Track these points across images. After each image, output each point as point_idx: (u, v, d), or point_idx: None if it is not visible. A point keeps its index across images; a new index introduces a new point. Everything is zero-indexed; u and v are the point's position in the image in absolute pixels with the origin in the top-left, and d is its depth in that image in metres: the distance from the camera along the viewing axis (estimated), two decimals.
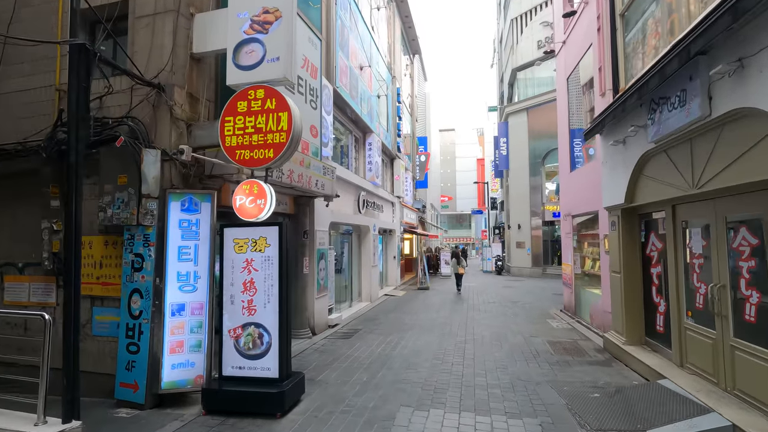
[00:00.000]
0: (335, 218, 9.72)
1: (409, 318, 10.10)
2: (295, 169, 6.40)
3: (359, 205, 11.68)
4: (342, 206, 10.46)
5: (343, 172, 10.45)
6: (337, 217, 9.91)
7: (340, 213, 10.24)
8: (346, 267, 12.07)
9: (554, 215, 20.96)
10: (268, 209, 4.58)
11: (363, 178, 12.60)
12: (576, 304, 9.87)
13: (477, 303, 12.54)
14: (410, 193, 21.02)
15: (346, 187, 10.81)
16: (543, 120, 21.67)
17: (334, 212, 9.62)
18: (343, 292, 11.77)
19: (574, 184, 9.81)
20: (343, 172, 10.45)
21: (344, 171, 10.56)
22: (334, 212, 9.54)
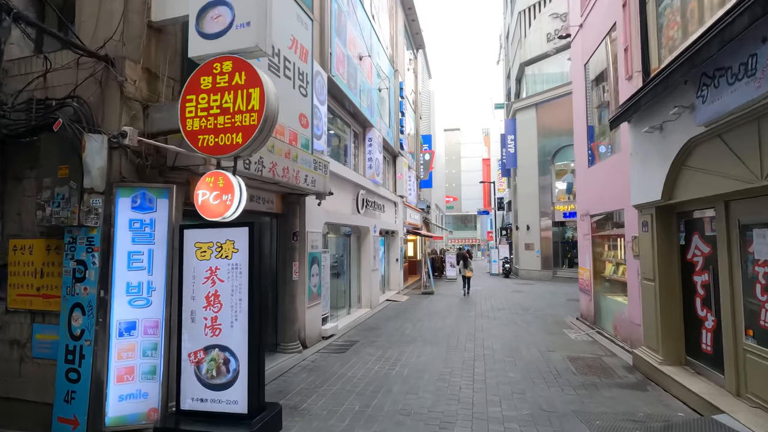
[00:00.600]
0: (331, 218, 8.89)
1: (411, 327, 9.23)
2: (279, 161, 5.57)
3: (358, 204, 10.84)
4: (338, 205, 9.63)
5: (340, 168, 9.62)
6: (333, 218, 9.08)
7: (337, 213, 9.40)
8: (344, 271, 11.24)
9: (565, 215, 20.03)
10: (236, 207, 3.75)
11: (362, 176, 11.76)
12: (596, 312, 8.96)
13: (485, 309, 11.65)
14: (414, 192, 20.16)
15: (342, 185, 9.98)
16: (553, 116, 20.75)
17: (330, 212, 8.78)
18: (341, 299, 10.93)
19: (594, 181, 8.91)
20: (340, 169, 9.62)
21: (341, 167, 9.73)
22: (329, 212, 8.70)
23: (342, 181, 9.90)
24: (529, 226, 21.65)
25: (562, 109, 20.10)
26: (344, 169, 10.00)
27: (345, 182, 10.15)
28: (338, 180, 9.64)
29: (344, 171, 9.93)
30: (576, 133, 10.20)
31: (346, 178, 10.03)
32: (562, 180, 21.01)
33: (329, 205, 8.83)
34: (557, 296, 14.32)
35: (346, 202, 10.35)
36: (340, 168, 9.69)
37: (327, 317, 8.74)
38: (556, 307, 11.90)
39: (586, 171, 9.39)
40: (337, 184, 9.54)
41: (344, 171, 9.93)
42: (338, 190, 9.72)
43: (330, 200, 8.94)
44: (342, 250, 11.28)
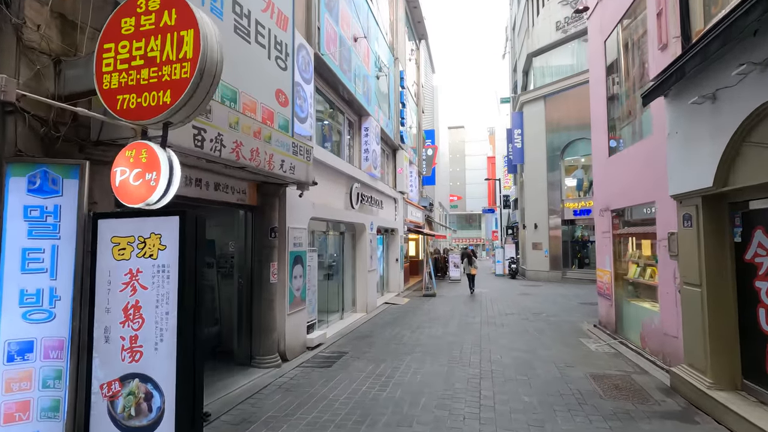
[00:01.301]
0: (319, 213, 7.92)
1: (409, 335, 8.25)
2: (246, 141, 4.61)
3: (352, 199, 9.86)
4: (329, 199, 8.66)
5: (331, 158, 8.66)
6: (322, 213, 8.11)
7: (326, 207, 8.43)
8: (337, 272, 10.27)
9: (575, 213, 18.97)
10: (165, 190, 2.80)
11: (358, 168, 10.79)
12: (618, 320, 7.94)
13: (492, 314, 10.63)
14: (416, 189, 19.17)
15: (334, 177, 9.02)
16: (562, 108, 19.68)
17: (318, 206, 7.82)
18: (334, 302, 9.97)
19: (616, 172, 7.88)
20: (331, 159, 8.65)
21: (332, 157, 8.76)
22: (316, 206, 7.74)
23: (333, 172, 8.94)
24: (537, 225, 20.59)
25: (572, 102, 19.06)
26: (336, 159, 9.03)
27: (337, 174, 9.19)
28: (329, 171, 8.68)
29: (336, 161, 8.97)
30: (594, 119, 9.16)
31: (338, 169, 9.07)
32: (572, 176, 19.93)
33: (317, 198, 7.87)
34: (569, 299, 13.27)
35: (338, 195, 9.38)
36: (331, 158, 8.72)
37: (314, 324, 7.78)
38: (569, 312, 10.87)
39: (606, 161, 8.36)
40: (327, 175, 8.59)
41: (336, 161, 8.97)
42: (329, 182, 8.76)
43: (318, 193, 8.00)
44: (334, 249, 10.32)
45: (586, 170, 19.50)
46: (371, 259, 11.34)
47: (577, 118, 18.94)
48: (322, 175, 8.37)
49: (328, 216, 8.55)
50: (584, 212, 18.67)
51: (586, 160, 19.66)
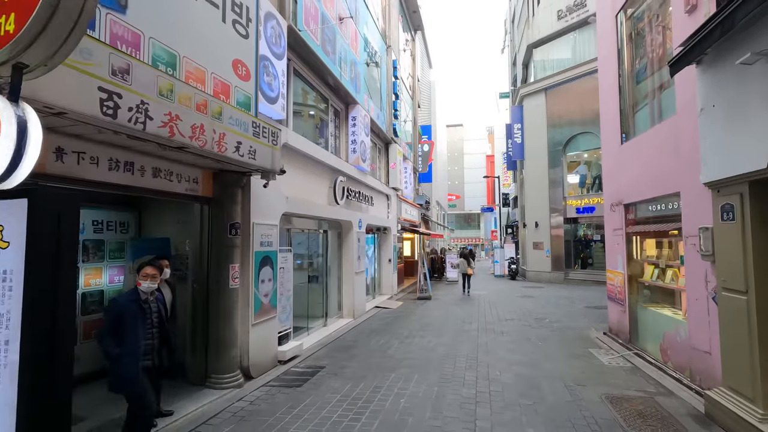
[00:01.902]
0: (294, 208, 7.01)
1: (397, 346, 7.34)
2: (185, 114, 3.70)
3: (336, 193, 8.95)
4: (308, 193, 7.76)
5: (310, 147, 7.74)
6: (298, 207, 7.20)
7: (305, 202, 7.53)
8: (320, 275, 9.37)
9: (578, 211, 18.09)
10: (11, 163, 1.92)
11: (344, 161, 9.88)
12: (632, 328, 7.04)
13: (491, 320, 9.73)
14: (411, 186, 18.28)
15: (315, 169, 8.11)
16: (564, 101, 18.79)
17: (293, 200, 6.91)
18: (317, 308, 9.07)
19: (630, 161, 6.99)
20: (310, 148, 7.74)
21: (311, 146, 7.84)
22: (292, 200, 6.83)
23: (313, 163, 8.03)
24: (538, 223, 19.70)
25: (575, 94, 18.18)
26: (317, 149, 8.12)
27: (318, 165, 8.29)
28: (308, 162, 7.78)
29: (317, 151, 8.06)
30: (603, 104, 8.26)
31: (319, 160, 8.16)
32: (575, 172, 19.05)
33: (292, 191, 6.97)
34: (573, 303, 12.37)
35: (320, 189, 8.48)
36: (312, 147, 7.81)
37: (288, 334, 6.86)
38: (574, 318, 9.97)
39: (618, 150, 7.46)
40: (306, 166, 7.69)
41: (317, 151, 8.06)
42: (308, 174, 7.86)
43: (295, 186, 7.10)
44: (317, 249, 9.42)
45: (589, 166, 18.62)
46: (359, 260, 10.44)
47: (580, 112, 18.07)
48: (300, 165, 7.47)
49: (307, 212, 7.64)
50: (588, 210, 17.79)
51: (589, 156, 18.79)
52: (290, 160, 7.04)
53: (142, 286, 3.67)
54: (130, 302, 3.62)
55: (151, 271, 3.71)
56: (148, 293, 3.74)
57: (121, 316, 3.52)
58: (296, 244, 8.73)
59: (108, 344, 3.43)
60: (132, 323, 3.52)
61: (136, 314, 3.59)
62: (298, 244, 8.78)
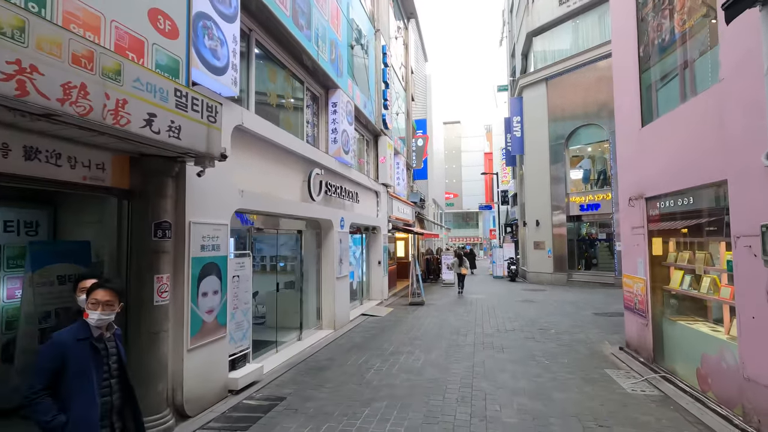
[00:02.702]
0: (252, 204, 5.86)
1: (379, 366, 6.20)
2: (49, 66, 2.55)
3: (311, 188, 7.80)
4: (273, 186, 6.61)
5: (276, 133, 6.60)
6: (258, 203, 6.04)
7: (268, 197, 6.38)
8: (295, 281, 8.23)
9: (582, 208, 16.99)
10: None
11: (323, 152, 8.74)
12: (656, 344, 5.92)
13: (489, 331, 8.60)
14: (404, 182, 17.15)
15: (282, 158, 6.97)
16: (566, 92, 17.68)
17: (250, 195, 5.76)
18: (291, 318, 7.95)
19: (654, 145, 5.86)
20: (277, 134, 6.59)
21: (278, 132, 6.69)
22: (248, 194, 5.68)
23: (281, 152, 6.89)
24: (539, 222, 18.58)
25: (577, 84, 17.09)
26: (285, 136, 6.97)
27: (287, 155, 7.15)
28: (273, 151, 6.65)
29: (285, 139, 6.91)
30: (618, 76, 7.11)
31: (288, 149, 7.02)
32: (578, 167, 17.94)
33: (250, 183, 5.84)
34: (580, 308, 11.25)
35: (291, 183, 7.34)
36: (278, 134, 6.67)
37: (246, 355, 5.72)
38: (584, 327, 8.84)
39: (639, 133, 6.33)
40: (271, 155, 6.55)
41: (285, 139, 6.91)
42: (274, 165, 6.73)
43: (253, 177, 5.98)
44: (292, 252, 8.29)
45: (593, 160, 17.52)
46: (341, 264, 9.30)
47: (584, 102, 16.97)
48: (262, 154, 6.34)
49: (272, 209, 6.48)
50: (592, 207, 16.69)
51: (593, 149, 17.69)
52: (248, 146, 5.91)
53: (91, 318, 2.45)
54: (77, 342, 2.41)
55: (103, 297, 2.48)
56: (103, 328, 2.53)
57: (65, 363, 2.34)
58: (266, 246, 7.61)
59: (44, 410, 2.25)
60: (81, 374, 2.37)
61: (87, 360, 2.41)
62: (270, 247, 7.66)
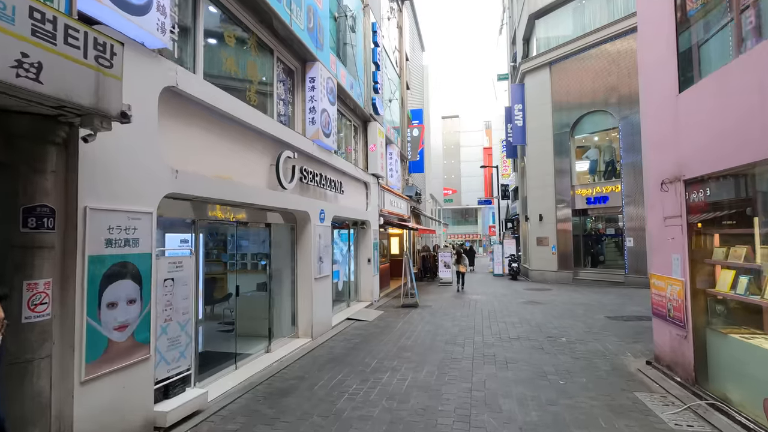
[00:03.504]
0: (191, 188, 4.66)
1: (356, 388, 5.05)
2: None
3: (280, 173, 6.61)
4: (226, 168, 5.43)
5: (229, 103, 5.40)
6: (201, 187, 4.84)
7: (219, 182, 5.19)
8: (265, 282, 7.08)
9: (589, 201, 15.84)
10: None
11: (298, 134, 7.55)
12: (699, 361, 4.76)
13: (490, 340, 7.45)
14: (398, 174, 15.97)
15: (239, 136, 5.78)
16: (571, 77, 16.49)
17: (190, 176, 4.58)
18: (259, 326, 6.81)
19: (697, 113, 4.68)
20: (229, 103, 5.40)
21: (233, 103, 5.49)
22: (186, 175, 4.50)
23: (238, 128, 5.71)
24: (542, 216, 17.42)
25: (583, 68, 15.91)
26: (245, 108, 5.77)
27: (248, 133, 5.97)
28: (228, 125, 5.47)
29: (245, 112, 5.72)
30: (646, 42, 5.93)
31: (249, 124, 5.83)
32: (585, 157, 16.78)
33: (192, 163, 4.67)
34: (592, 311, 10.10)
35: (253, 167, 6.15)
36: (233, 104, 5.47)
37: (186, 378, 4.55)
38: (599, 334, 7.69)
39: (675, 101, 5.14)
40: (222, 130, 5.37)
41: (245, 112, 5.72)
42: (231, 144, 5.55)
43: (197, 155, 4.82)
44: (259, 249, 7.12)
45: (600, 150, 16.34)
46: (321, 263, 8.13)
47: (590, 88, 15.78)
48: (213, 129, 5.16)
49: (225, 195, 5.29)
50: (600, 200, 15.53)
51: (600, 138, 16.51)
52: (189, 117, 4.72)
53: None
54: None
55: None
56: None
57: None
58: (226, 241, 6.45)
59: None
60: None
61: None
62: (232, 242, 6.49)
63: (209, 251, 6.23)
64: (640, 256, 14.20)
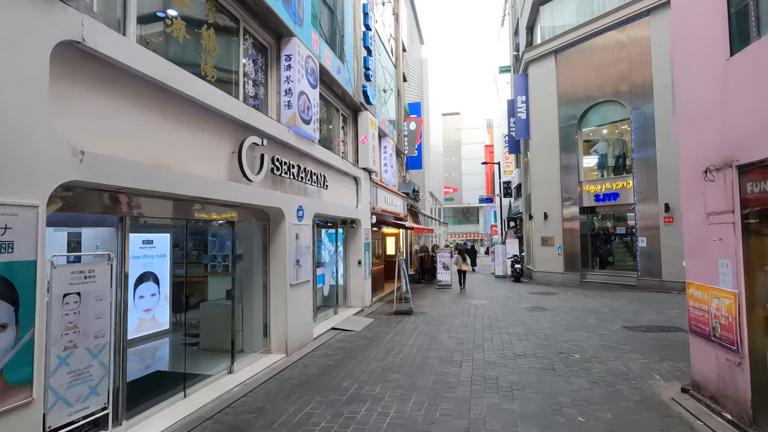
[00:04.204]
0: (109, 175, 3.63)
1: (323, 428, 4.04)
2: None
3: (243, 163, 5.59)
4: (164, 154, 4.40)
5: (172, 73, 4.38)
6: (125, 175, 3.80)
7: (150, 170, 4.17)
8: (232, 289, 6.09)
9: (597, 198, 14.81)
10: None
11: (272, 119, 6.53)
12: (758, 395, 3.73)
13: (492, 357, 6.43)
14: (392, 170, 14.95)
15: (193, 117, 4.76)
16: (579, 66, 15.44)
17: (102, 160, 3.57)
18: (219, 342, 5.82)
19: (759, 81, 3.65)
20: (173, 75, 4.38)
21: (177, 73, 4.47)
22: (98, 159, 3.49)
23: (188, 106, 4.69)
24: (547, 215, 16.39)
25: (592, 56, 14.89)
26: (194, 82, 4.75)
27: (203, 114, 4.96)
28: (175, 102, 4.45)
29: (197, 88, 4.70)
30: (681, 3, 4.89)
31: (203, 103, 4.83)
32: (593, 151, 15.73)
33: (108, 142, 3.67)
34: (605, 319, 9.07)
35: (208, 153, 5.14)
36: (179, 76, 4.45)
37: (100, 421, 3.54)
38: (618, 350, 6.66)
39: (724, 66, 4.11)
40: (167, 107, 4.34)
41: (197, 88, 4.70)
42: (175, 124, 4.53)
43: (118, 132, 3.82)
44: (222, 251, 6.13)
45: (610, 144, 15.28)
46: (299, 267, 7.12)
47: (599, 77, 14.74)
48: (147, 104, 4.14)
49: (159, 186, 4.24)
50: (609, 197, 14.49)
51: (609, 131, 15.45)
52: (106, 83, 3.70)
53: None
54: None
55: None
56: None
57: None
58: (181, 242, 5.48)
59: None
60: None
61: None
62: (183, 240, 5.51)
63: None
64: (653, 257, 13.16)
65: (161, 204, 4.66)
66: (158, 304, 6.88)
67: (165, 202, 4.70)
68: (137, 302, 6.30)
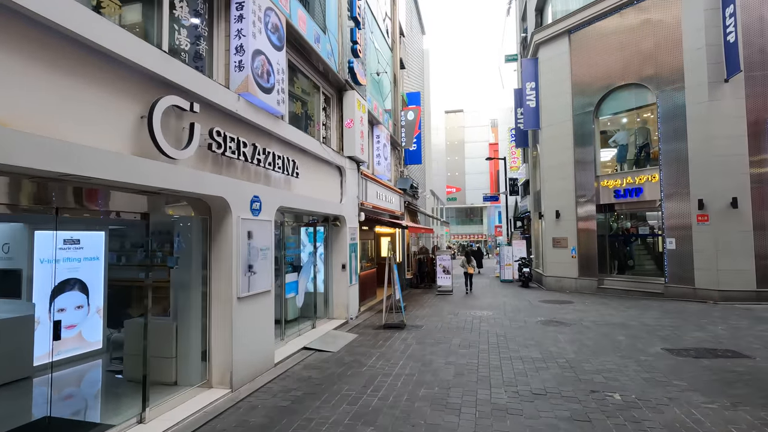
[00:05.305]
0: None
1: None
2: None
3: (157, 132, 4.01)
4: (22, 114, 2.83)
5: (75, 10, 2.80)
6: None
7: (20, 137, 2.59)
8: (165, 301, 4.54)
9: (617, 195, 13.16)
10: None
11: (212, 79, 4.96)
12: None
13: (500, 398, 4.81)
14: (387, 162, 13.35)
15: (74, 62, 3.16)
16: (596, 46, 13.79)
17: None
18: (133, 372, 4.26)
19: None
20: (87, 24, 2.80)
21: (83, 13, 2.89)
22: None
23: (63, 43, 3.11)
24: (560, 213, 14.74)
25: (611, 35, 13.24)
26: (71, 6, 3.18)
27: (89, 58, 3.37)
28: (39, 34, 2.85)
29: (70, 15, 3.13)
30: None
31: (86, 40, 3.25)
32: (612, 141, 14.07)
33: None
34: (638, 337, 7.41)
35: (100, 115, 3.55)
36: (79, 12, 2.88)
37: None
38: (669, 386, 5.02)
39: None
40: (28, 42, 2.76)
41: (70, 15, 3.13)
42: (53, 73, 2.94)
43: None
44: (129, 255, 4.59)
45: (632, 133, 13.61)
46: (253, 274, 5.53)
47: (620, 59, 13.09)
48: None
49: (18, 159, 2.70)
50: (631, 192, 12.82)
51: (630, 119, 13.78)
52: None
53: None
54: None
55: None
56: None
57: None
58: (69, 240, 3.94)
59: None
60: None
61: None
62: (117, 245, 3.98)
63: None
64: (684, 261, 11.49)
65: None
66: (86, 319, 5.43)
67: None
68: (55, 316, 4.91)
